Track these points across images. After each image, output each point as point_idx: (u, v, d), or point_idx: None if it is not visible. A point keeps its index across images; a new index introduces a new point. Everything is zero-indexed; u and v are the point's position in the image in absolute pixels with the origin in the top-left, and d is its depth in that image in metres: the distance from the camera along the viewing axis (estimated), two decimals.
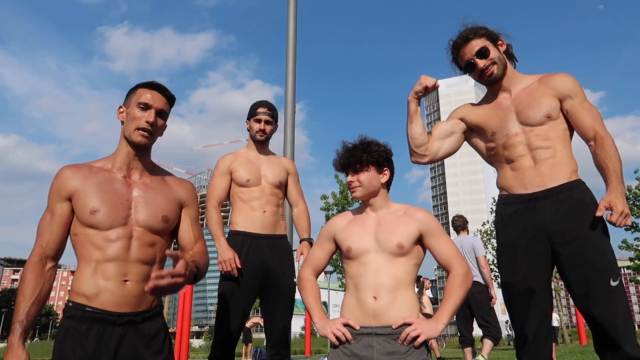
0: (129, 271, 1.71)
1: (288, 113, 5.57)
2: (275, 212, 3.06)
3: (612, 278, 1.91)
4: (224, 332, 2.86)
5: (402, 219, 2.02)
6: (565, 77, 2.18)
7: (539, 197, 2.08)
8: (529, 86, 2.23)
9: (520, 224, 2.11)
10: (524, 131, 2.16)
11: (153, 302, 1.78)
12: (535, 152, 2.12)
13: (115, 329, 1.66)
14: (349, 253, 2.01)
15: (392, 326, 1.86)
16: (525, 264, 2.08)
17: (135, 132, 1.80)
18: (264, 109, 3.14)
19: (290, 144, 5.45)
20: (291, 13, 5.96)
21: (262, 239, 2.96)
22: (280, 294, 2.96)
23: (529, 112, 2.15)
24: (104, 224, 1.71)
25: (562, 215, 2.03)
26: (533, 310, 2.05)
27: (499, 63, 2.22)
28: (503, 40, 2.29)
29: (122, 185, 1.81)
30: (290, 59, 5.76)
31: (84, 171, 1.79)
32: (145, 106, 1.81)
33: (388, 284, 1.91)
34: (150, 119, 1.80)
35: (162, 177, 1.94)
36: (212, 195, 3.06)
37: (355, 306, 1.94)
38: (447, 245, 2.01)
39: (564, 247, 2.00)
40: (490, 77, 2.23)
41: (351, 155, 2.05)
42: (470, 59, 2.23)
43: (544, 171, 2.09)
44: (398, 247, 1.94)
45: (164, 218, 1.83)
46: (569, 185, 2.06)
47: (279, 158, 3.29)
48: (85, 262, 1.71)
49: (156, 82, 1.87)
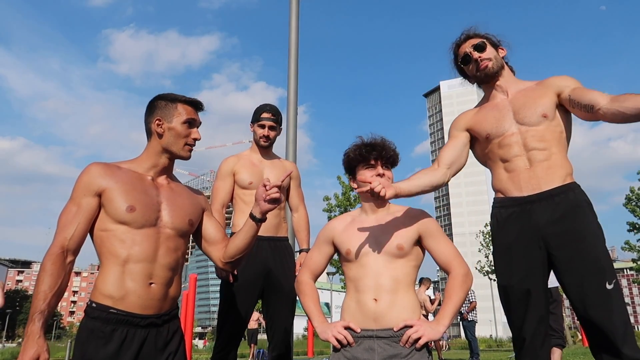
0: (155, 274, 1.74)
1: (290, 115, 5.59)
2: (278, 214, 3.07)
3: (608, 281, 1.90)
4: (226, 334, 2.87)
5: (401, 221, 2.02)
6: (563, 75, 2.19)
7: (534, 200, 2.07)
8: (527, 88, 2.24)
9: (516, 227, 2.11)
10: (520, 131, 2.15)
11: (172, 304, 1.82)
12: (531, 153, 2.11)
13: (139, 331, 1.68)
14: (349, 255, 2.01)
15: (393, 329, 1.85)
16: (522, 266, 2.08)
17: (185, 147, 1.90)
18: (268, 114, 3.13)
19: (292, 145, 5.46)
20: (293, 15, 5.99)
21: (264, 241, 2.96)
22: (282, 296, 2.97)
23: (525, 112, 2.15)
24: (137, 222, 1.74)
25: (557, 218, 2.02)
26: (530, 313, 2.05)
27: (494, 60, 2.24)
28: (504, 48, 2.32)
29: (152, 187, 1.85)
30: (293, 61, 5.78)
31: (115, 170, 1.81)
32: (193, 123, 1.91)
33: (388, 286, 1.91)
34: (199, 137, 1.92)
35: (182, 185, 2.02)
36: (216, 198, 3.06)
37: (356, 309, 1.94)
38: (447, 246, 2.01)
39: (559, 250, 2.00)
40: (485, 69, 2.23)
41: (388, 149, 2.03)
42: (467, 52, 2.26)
43: (539, 173, 2.09)
44: (398, 248, 1.95)
45: (190, 222, 1.89)
46: (564, 188, 2.06)
47: (282, 161, 3.29)
48: (111, 262, 1.71)
49: (197, 100, 1.96)
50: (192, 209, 1.93)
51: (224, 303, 2.91)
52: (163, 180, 1.91)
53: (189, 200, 1.94)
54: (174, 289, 1.83)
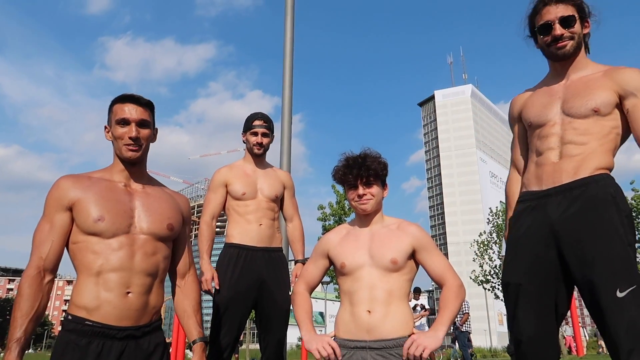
0: (132, 282, 1.69)
1: (285, 124, 5.59)
2: (271, 225, 3.05)
3: (620, 288, 1.68)
4: (219, 345, 2.84)
5: (395, 234, 2.02)
6: (635, 72, 1.91)
7: (551, 193, 1.92)
8: (590, 75, 2.00)
9: (527, 221, 1.98)
10: (562, 122, 1.96)
11: (154, 315, 1.77)
12: (566, 147, 1.93)
13: (115, 344, 1.64)
14: (343, 269, 2.00)
15: (386, 340, 1.85)
16: (525, 262, 1.94)
17: (123, 148, 1.79)
18: (260, 121, 3.10)
19: (286, 154, 5.45)
20: (288, 24, 6.00)
21: (258, 252, 2.95)
22: (275, 307, 2.95)
23: (575, 102, 1.95)
24: (107, 231, 1.69)
25: (571, 213, 1.84)
26: (528, 312, 1.91)
27: (575, 40, 2.00)
28: (590, 23, 2.05)
29: (124, 194, 1.79)
30: (287, 70, 5.79)
31: (84, 181, 1.76)
32: (124, 122, 1.78)
33: (382, 299, 1.91)
34: (132, 134, 1.77)
35: (162, 189, 1.94)
36: (207, 210, 3.04)
37: (349, 320, 1.94)
38: (439, 259, 2.01)
39: (569, 248, 1.83)
40: (560, 50, 2.00)
41: (367, 168, 2.01)
42: (551, 21, 1.99)
43: (565, 166, 1.91)
44: (392, 262, 1.94)
45: (169, 226, 1.82)
46: (587, 181, 1.85)
47: (275, 171, 3.27)
48: (85, 273, 1.68)
49: (128, 94, 1.83)
50: (171, 212, 1.86)
51: (217, 313, 2.88)
52: (137, 186, 1.85)
53: (167, 204, 1.87)
54: (155, 297, 1.77)
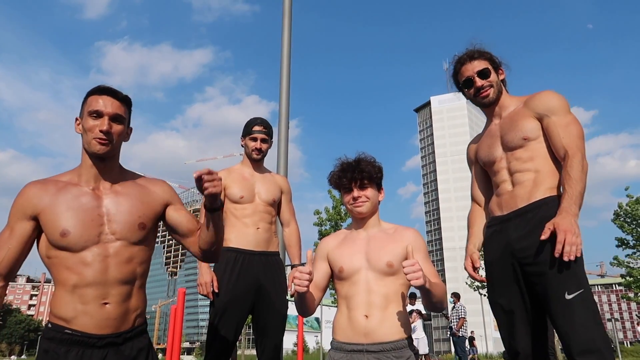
0: (109, 293, 1.64)
1: (282, 129, 5.60)
2: (269, 229, 3.06)
3: (567, 291, 1.88)
4: (216, 350, 2.83)
5: (392, 238, 2.04)
6: (545, 95, 2.15)
7: (510, 217, 2.13)
8: (515, 109, 2.24)
9: (494, 246, 2.20)
10: (506, 156, 2.20)
11: (135, 320, 1.72)
12: (515, 176, 2.16)
13: (95, 352, 1.61)
14: (341, 273, 2.02)
15: (383, 343, 1.87)
16: (501, 283, 2.16)
17: (92, 142, 1.68)
18: (260, 127, 3.11)
19: (283, 159, 5.47)
20: (285, 30, 6.03)
21: (255, 256, 2.95)
22: (272, 312, 2.95)
23: (509, 136, 2.19)
24: (76, 245, 1.63)
25: (525, 234, 2.05)
26: (518, 328, 2.09)
27: (495, 87, 2.27)
28: (503, 70, 2.33)
29: (91, 199, 1.70)
30: (285, 75, 5.82)
31: (51, 188, 1.68)
32: (97, 114, 1.68)
33: (379, 303, 1.92)
34: (104, 127, 1.66)
35: (133, 182, 1.82)
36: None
37: (347, 324, 1.95)
38: (428, 267, 1.97)
39: (529, 266, 2.03)
40: (485, 98, 2.27)
41: (360, 171, 2.03)
42: (471, 76, 2.27)
43: (519, 193, 2.12)
44: (388, 265, 1.96)
45: (141, 225, 1.73)
46: (539, 203, 2.06)
47: (273, 176, 3.28)
48: (61, 287, 1.64)
49: (105, 86, 1.73)
50: (142, 209, 1.75)
51: (214, 318, 2.87)
52: (106, 185, 1.74)
53: (139, 200, 1.76)
54: (135, 302, 1.72)
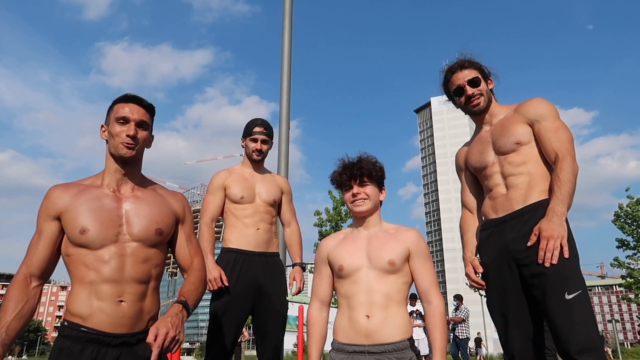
0: (124, 291, 1.70)
1: (282, 129, 5.61)
2: (269, 229, 3.05)
3: (567, 291, 1.91)
4: (216, 351, 2.83)
5: (393, 237, 2.04)
6: (535, 101, 2.22)
7: (506, 219, 2.16)
8: (505, 116, 2.31)
9: (490, 248, 2.22)
10: (499, 160, 2.25)
11: (149, 322, 1.76)
12: (508, 180, 2.20)
13: (110, 351, 1.64)
14: (341, 272, 2.01)
15: (385, 344, 1.86)
16: (498, 286, 2.18)
17: (119, 146, 1.79)
18: (261, 128, 3.12)
19: (284, 159, 5.48)
20: (286, 31, 6.04)
21: (255, 257, 2.94)
22: (272, 313, 2.94)
23: (501, 141, 2.24)
24: (94, 243, 1.70)
25: (522, 235, 2.07)
26: (514, 329, 2.11)
27: (485, 96, 2.33)
28: (492, 80, 2.39)
29: (112, 201, 1.78)
30: (285, 76, 5.82)
31: (72, 190, 1.77)
32: (124, 120, 1.80)
33: (380, 303, 1.92)
34: (131, 132, 1.78)
35: (153, 189, 1.92)
36: (206, 212, 3.04)
37: (348, 325, 1.95)
38: (429, 272, 2.01)
39: (527, 267, 2.04)
40: (475, 107, 2.33)
41: (359, 168, 2.04)
42: (462, 85, 2.33)
43: (514, 196, 2.16)
44: (389, 263, 1.95)
45: (158, 231, 1.80)
46: (536, 206, 2.10)
47: (273, 176, 3.28)
48: (78, 283, 1.70)
49: (131, 95, 1.85)
50: (161, 217, 1.84)
51: (214, 319, 2.87)
52: (127, 190, 1.84)
53: (158, 208, 1.85)
54: (150, 304, 1.77)
